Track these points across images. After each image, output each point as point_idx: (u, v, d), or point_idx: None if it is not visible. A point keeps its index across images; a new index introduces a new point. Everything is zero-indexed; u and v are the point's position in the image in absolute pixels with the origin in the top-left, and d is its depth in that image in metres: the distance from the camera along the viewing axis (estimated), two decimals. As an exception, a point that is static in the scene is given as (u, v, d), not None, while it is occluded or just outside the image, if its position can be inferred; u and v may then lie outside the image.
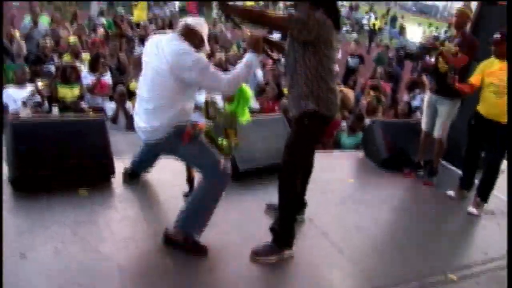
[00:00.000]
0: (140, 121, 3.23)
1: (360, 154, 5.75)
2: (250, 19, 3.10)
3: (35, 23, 9.19)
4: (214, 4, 4.10)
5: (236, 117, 3.55)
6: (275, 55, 3.76)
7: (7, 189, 3.63)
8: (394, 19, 27.99)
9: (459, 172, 5.17)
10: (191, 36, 3.15)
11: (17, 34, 8.54)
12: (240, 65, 3.17)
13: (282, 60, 3.67)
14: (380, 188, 4.91)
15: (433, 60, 5.35)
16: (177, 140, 3.19)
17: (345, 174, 5.17)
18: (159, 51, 3.06)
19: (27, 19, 9.70)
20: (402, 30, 23.42)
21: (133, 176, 4.00)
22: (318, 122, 3.18)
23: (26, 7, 11.37)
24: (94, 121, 4.25)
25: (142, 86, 3.23)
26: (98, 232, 3.25)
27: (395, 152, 5.41)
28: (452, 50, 4.77)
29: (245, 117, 3.58)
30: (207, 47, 3.34)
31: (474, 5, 5.59)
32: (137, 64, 6.01)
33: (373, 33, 23.23)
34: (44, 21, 9.96)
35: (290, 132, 3.32)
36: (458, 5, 5.54)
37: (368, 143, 5.69)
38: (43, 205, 3.46)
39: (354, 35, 24.14)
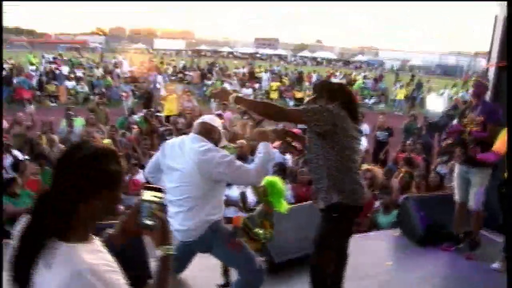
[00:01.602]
0: (175, 223, 3.29)
1: (396, 232, 5.65)
2: (266, 111, 3.21)
3: (70, 126, 9.64)
4: (231, 98, 4.22)
5: (272, 208, 3.63)
6: (298, 146, 3.84)
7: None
8: (420, 85, 28.15)
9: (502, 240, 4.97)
10: (210, 133, 3.30)
11: (56, 138, 8.95)
12: (259, 155, 3.24)
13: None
14: (420, 268, 4.78)
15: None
16: (213, 238, 3.24)
17: (382, 256, 5.07)
18: (184, 152, 3.18)
19: (63, 123, 10.19)
20: (422, 101, 23.54)
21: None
22: (345, 213, 3.19)
23: (63, 112, 12.02)
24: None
25: (170, 190, 3.30)
26: None
27: (431, 227, 5.30)
28: (476, 120, 4.79)
29: (283, 207, 3.66)
30: (224, 141, 3.47)
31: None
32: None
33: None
34: (79, 123, 10.43)
35: (319, 224, 3.33)
36: (483, 63, 5.64)
37: (403, 220, 5.61)
38: None
39: (382, 106, 24.38)
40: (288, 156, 8.34)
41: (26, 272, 1.29)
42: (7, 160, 7.31)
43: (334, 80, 28.79)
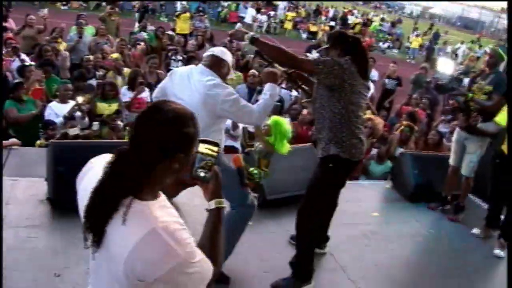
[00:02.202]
0: None
1: (388, 184, 5.80)
2: (279, 57, 3.23)
3: (80, 35, 9.54)
4: (246, 37, 4.10)
5: (272, 148, 3.70)
6: (308, 89, 3.85)
7: (45, 208, 3.86)
8: (437, 36, 27.62)
9: (486, 208, 5.14)
10: (219, 66, 3.27)
11: (62, 47, 8.88)
12: (264, 96, 3.25)
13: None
14: (404, 223, 4.95)
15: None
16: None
17: (370, 207, 5.23)
18: (191, 83, 3.21)
19: (73, 31, 10.06)
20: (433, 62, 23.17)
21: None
22: (341, 166, 3.29)
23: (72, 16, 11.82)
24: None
25: None
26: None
27: (423, 185, 5.44)
28: (485, 89, 4.80)
29: (284, 149, 3.73)
30: (232, 74, 3.49)
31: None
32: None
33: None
34: (90, 32, 10.29)
35: (314, 172, 3.43)
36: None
37: (396, 174, 5.75)
38: (77, 226, 3.64)
39: (395, 52, 24.03)
40: (294, 93, 8.32)
41: (101, 224, 1.35)
42: (14, 64, 7.31)
43: (350, 17, 28.29)
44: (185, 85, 3.27)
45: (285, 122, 3.83)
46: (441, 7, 59.13)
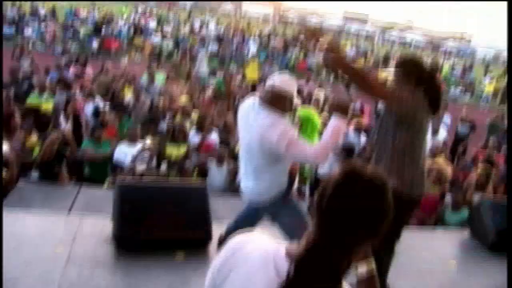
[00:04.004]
0: (247, 181, 3.29)
1: (466, 232, 5.39)
2: (353, 77, 2.98)
3: (151, 80, 9.87)
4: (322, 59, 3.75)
5: None
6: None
7: (109, 246, 3.84)
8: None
9: None
10: (279, 101, 3.05)
11: (129, 91, 9.20)
12: (327, 132, 2.98)
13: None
14: (487, 275, 4.52)
15: None
16: (280, 205, 3.22)
17: (447, 254, 4.86)
18: (250, 122, 3.11)
19: (144, 76, 10.47)
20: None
21: (228, 242, 4.04)
22: (399, 201, 3.02)
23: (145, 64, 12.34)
24: (197, 187, 4.43)
25: (242, 151, 3.32)
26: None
27: (505, 233, 5.00)
28: None
29: (314, 142, 3.54)
30: (298, 103, 3.33)
31: None
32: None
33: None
34: (160, 78, 10.68)
35: None
36: None
37: (475, 222, 5.33)
38: (140, 267, 3.61)
39: (467, 97, 23.27)
40: (363, 139, 8.09)
41: None
42: (89, 107, 7.65)
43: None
44: (245, 122, 3.19)
45: (316, 116, 3.64)
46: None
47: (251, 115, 3.12)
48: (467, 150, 9.87)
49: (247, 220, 3.76)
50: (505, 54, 54.18)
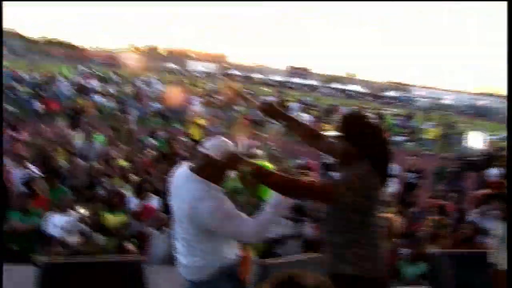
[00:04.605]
0: (181, 257, 2.90)
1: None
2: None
3: (89, 141, 9.41)
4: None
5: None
6: None
7: None
8: (451, 126, 27.53)
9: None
10: (209, 169, 2.72)
11: (62, 155, 8.67)
12: (267, 209, 2.69)
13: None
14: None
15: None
16: (225, 284, 2.82)
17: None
18: (178, 193, 2.77)
19: (81, 138, 9.99)
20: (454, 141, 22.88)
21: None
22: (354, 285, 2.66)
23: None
24: (133, 261, 3.99)
25: (175, 224, 2.91)
26: None
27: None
28: None
29: (266, 194, 3.07)
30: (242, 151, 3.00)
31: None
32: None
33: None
34: (99, 140, 10.21)
35: None
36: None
37: (434, 276, 5.10)
38: None
39: (412, 145, 23.80)
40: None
41: None
42: (18, 174, 7.08)
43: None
44: (177, 191, 2.81)
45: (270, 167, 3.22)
46: (451, 97, 59.92)
47: (179, 184, 2.78)
48: (417, 199, 9.78)
49: None
50: (442, 101, 56.90)
